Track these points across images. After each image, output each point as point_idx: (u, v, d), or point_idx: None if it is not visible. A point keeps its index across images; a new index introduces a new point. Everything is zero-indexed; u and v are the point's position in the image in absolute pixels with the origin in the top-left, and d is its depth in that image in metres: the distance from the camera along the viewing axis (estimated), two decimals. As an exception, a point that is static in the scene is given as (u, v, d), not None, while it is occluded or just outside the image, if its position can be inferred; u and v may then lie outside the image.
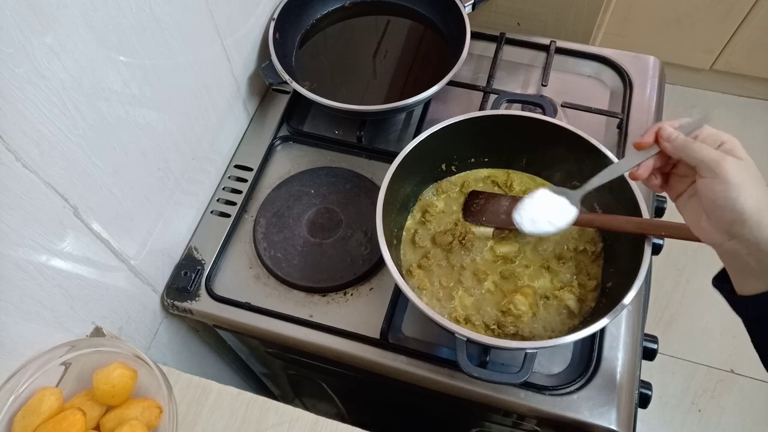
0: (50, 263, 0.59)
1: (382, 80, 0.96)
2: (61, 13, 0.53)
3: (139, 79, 0.66)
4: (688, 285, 1.72)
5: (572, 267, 0.76)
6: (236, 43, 0.86)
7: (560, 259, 0.76)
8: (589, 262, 0.76)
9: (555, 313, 0.73)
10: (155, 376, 0.61)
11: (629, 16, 1.80)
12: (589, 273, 0.75)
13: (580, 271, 0.75)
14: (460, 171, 0.84)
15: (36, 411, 0.58)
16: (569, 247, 0.77)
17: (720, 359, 1.61)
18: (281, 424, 0.66)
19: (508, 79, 1.00)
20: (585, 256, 0.77)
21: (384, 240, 0.68)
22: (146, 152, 0.70)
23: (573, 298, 0.73)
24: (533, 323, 0.72)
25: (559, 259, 0.76)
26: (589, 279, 0.75)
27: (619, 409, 0.71)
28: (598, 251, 0.76)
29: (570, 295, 0.73)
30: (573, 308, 0.73)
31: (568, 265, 0.76)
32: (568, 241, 0.77)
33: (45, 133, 0.54)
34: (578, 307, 0.73)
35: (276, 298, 0.81)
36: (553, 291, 0.74)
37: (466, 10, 0.95)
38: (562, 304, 0.73)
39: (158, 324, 0.82)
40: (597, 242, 0.77)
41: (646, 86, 0.97)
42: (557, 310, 0.73)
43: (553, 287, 0.75)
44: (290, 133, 0.96)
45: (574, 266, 0.76)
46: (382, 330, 0.76)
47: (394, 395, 0.94)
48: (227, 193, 0.91)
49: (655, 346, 0.80)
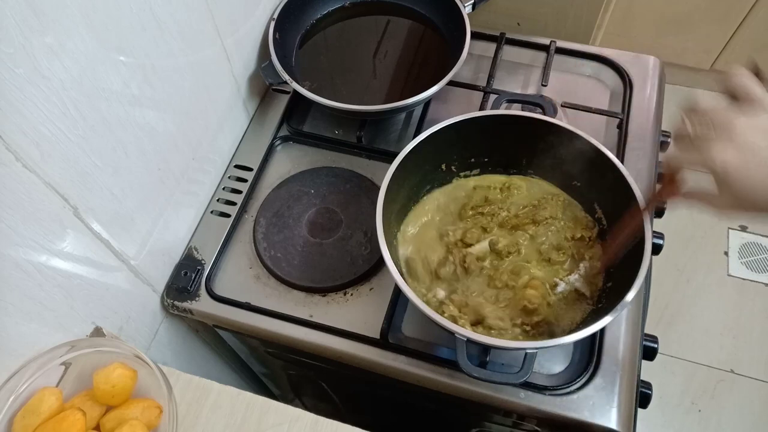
0: (50, 263, 0.59)
1: (382, 80, 0.96)
2: (61, 13, 0.53)
3: (139, 79, 0.66)
4: (688, 285, 1.72)
5: (573, 254, 0.77)
6: (236, 43, 0.86)
7: (559, 250, 0.77)
8: (588, 248, 0.77)
9: (568, 300, 0.74)
10: (155, 376, 0.61)
11: (629, 16, 1.80)
12: (591, 256, 0.76)
13: (581, 257, 0.76)
14: (461, 171, 0.84)
15: (36, 411, 0.58)
16: (566, 236, 0.78)
17: (720, 359, 1.61)
18: (281, 424, 0.66)
19: (508, 79, 1.00)
20: (582, 243, 0.77)
21: (384, 240, 0.68)
22: (146, 152, 0.70)
23: (580, 280, 0.74)
24: (552, 313, 0.73)
25: (558, 249, 0.77)
26: (591, 260, 0.75)
27: (619, 409, 0.71)
28: (594, 235, 0.77)
29: (577, 277, 0.74)
30: (583, 291, 0.73)
31: (568, 254, 0.77)
32: (564, 230, 0.78)
33: (45, 133, 0.54)
34: (588, 288, 0.74)
35: (276, 298, 0.81)
36: (559, 278, 0.75)
37: (466, 10, 0.95)
38: (571, 289, 0.74)
39: (158, 324, 0.82)
40: (592, 228, 0.78)
41: (646, 86, 0.97)
42: (568, 297, 0.74)
43: (558, 275, 0.75)
44: (290, 133, 0.96)
45: (574, 253, 0.77)
46: (382, 330, 0.76)
47: (394, 395, 0.94)
48: (227, 193, 0.91)
49: (655, 346, 0.80)
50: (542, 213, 0.79)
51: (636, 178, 0.71)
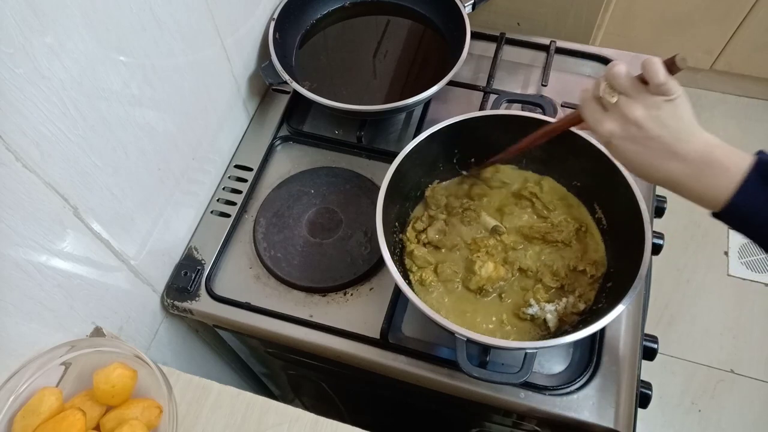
0: (50, 263, 0.59)
1: (382, 80, 0.96)
2: (61, 13, 0.53)
3: (139, 79, 0.66)
4: (688, 285, 1.72)
5: (564, 285, 0.75)
6: (236, 43, 0.86)
7: (555, 275, 0.76)
8: (584, 285, 0.75)
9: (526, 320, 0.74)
10: (155, 376, 0.61)
11: (629, 16, 1.80)
12: (580, 294, 0.74)
13: (571, 291, 0.75)
14: (461, 171, 0.84)
15: (36, 411, 0.58)
16: (570, 264, 0.76)
17: (720, 359, 1.61)
18: (281, 424, 0.66)
19: (508, 79, 1.00)
20: (583, 276, 0.75)
21: (384, 240, 0.68)
22: (146, 152, 0.70)
23: (554, 313, 0.73)
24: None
25: (554, 274, 0.76)
26: (577, 298, 0.74)
27: (619, 409, 0.71)
28: (599, 275, 0.75)
29: (553, 308, 0.73)
30: (549, 324, 0.73)
31: (561, 282, 0.75)
32: (570, 259, 0.77)
33: (45, 133, 0.54)
34: (556, 324, 0.73)
35: (276, 298, 0.81)
36: (536, 299, 0.74)
37: (466, 10, 0.95)
38: (540, 317, 0.73)
39: (158, 324, 0.82)
40: (600, 267, 0.76)
41: (646, 86, 0.97)
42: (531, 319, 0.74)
43: (536, 296, 0.75)
44: (290, 133, 0.96)
45: (567, 284, 0.75)
46: (382, 330, 0.76)
47: (394, 395, 0.94)
48: (227, 193, 0.91)
49: (655, 346, 0.80)
50: (555, 235, 0.77)
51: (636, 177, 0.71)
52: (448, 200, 0.82)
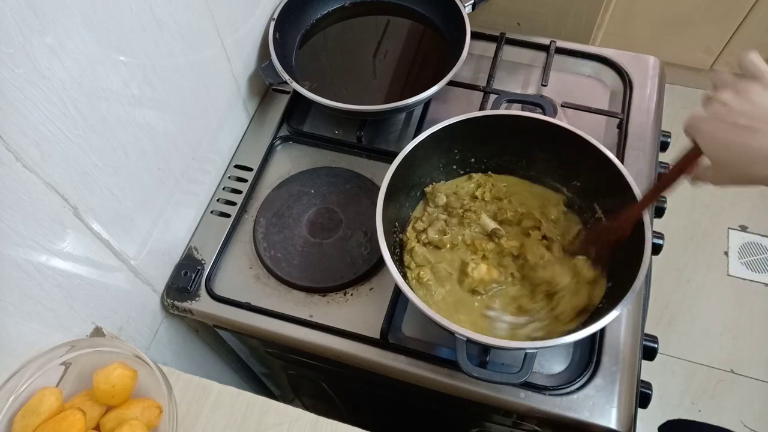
0: (50, 263, 0.59)
1: (382, 80, 0.96)
2: (61, 13, 0.53)
3: (139, 79, 0.66)
4: (688, 285, 1.71)
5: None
6: (236, 43, 0.86)
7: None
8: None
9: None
10: (155, 376, 0.61)
11: (629, 16, 1.80)
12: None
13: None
14: (461, 170, 0.84)
15: (36, 411, 0.58)
16: (574, 304, 0.73)
17: (720, 359, 1.61)
18: (281, 424, 0.66)
19: (508, 79, 1.00)
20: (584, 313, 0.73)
21: (384, 240, 0.68)
22: (146, 152, 0.70)
23: (543, 329, 0.72)
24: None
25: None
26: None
27: (619, 409, 0.71)
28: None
29: (541, 326, 0.72)
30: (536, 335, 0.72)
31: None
32: (574, 300, 0.73)
33: (45, 133, 0.54)
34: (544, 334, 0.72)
35: (276, 298, 0.81)
36: (534, 316, 0.73)
37: (466, 10, 0.95)
38: (532, 330, 0.72)
39: (158, 324, 0.82)
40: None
41: (646, 86, 0.97)
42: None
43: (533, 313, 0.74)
44: (290, 133, 0.96)
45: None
46: (382, 330, 0.76)
47: (394, 395, 0.94)
48: (227, 193, 0.91)
49: (655, 346, 0.80)
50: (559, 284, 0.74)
51: (636, 178, 0.71)
52: (448, 200, 0.82)
